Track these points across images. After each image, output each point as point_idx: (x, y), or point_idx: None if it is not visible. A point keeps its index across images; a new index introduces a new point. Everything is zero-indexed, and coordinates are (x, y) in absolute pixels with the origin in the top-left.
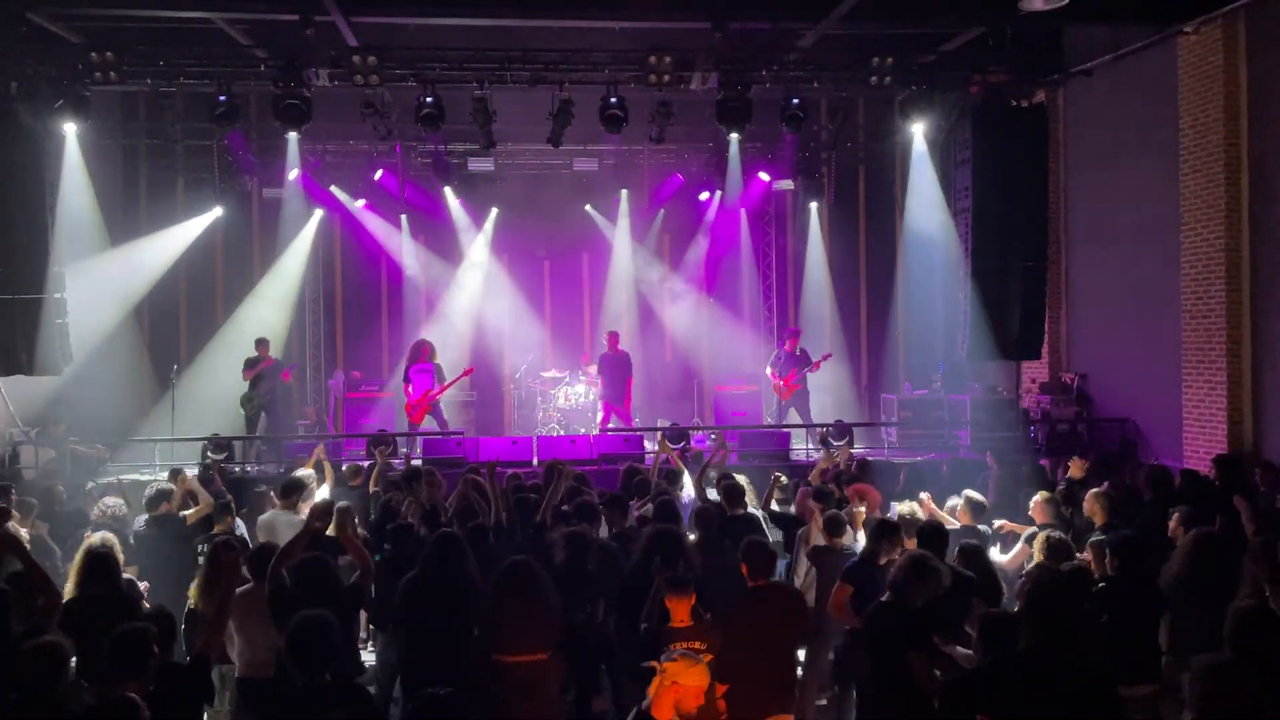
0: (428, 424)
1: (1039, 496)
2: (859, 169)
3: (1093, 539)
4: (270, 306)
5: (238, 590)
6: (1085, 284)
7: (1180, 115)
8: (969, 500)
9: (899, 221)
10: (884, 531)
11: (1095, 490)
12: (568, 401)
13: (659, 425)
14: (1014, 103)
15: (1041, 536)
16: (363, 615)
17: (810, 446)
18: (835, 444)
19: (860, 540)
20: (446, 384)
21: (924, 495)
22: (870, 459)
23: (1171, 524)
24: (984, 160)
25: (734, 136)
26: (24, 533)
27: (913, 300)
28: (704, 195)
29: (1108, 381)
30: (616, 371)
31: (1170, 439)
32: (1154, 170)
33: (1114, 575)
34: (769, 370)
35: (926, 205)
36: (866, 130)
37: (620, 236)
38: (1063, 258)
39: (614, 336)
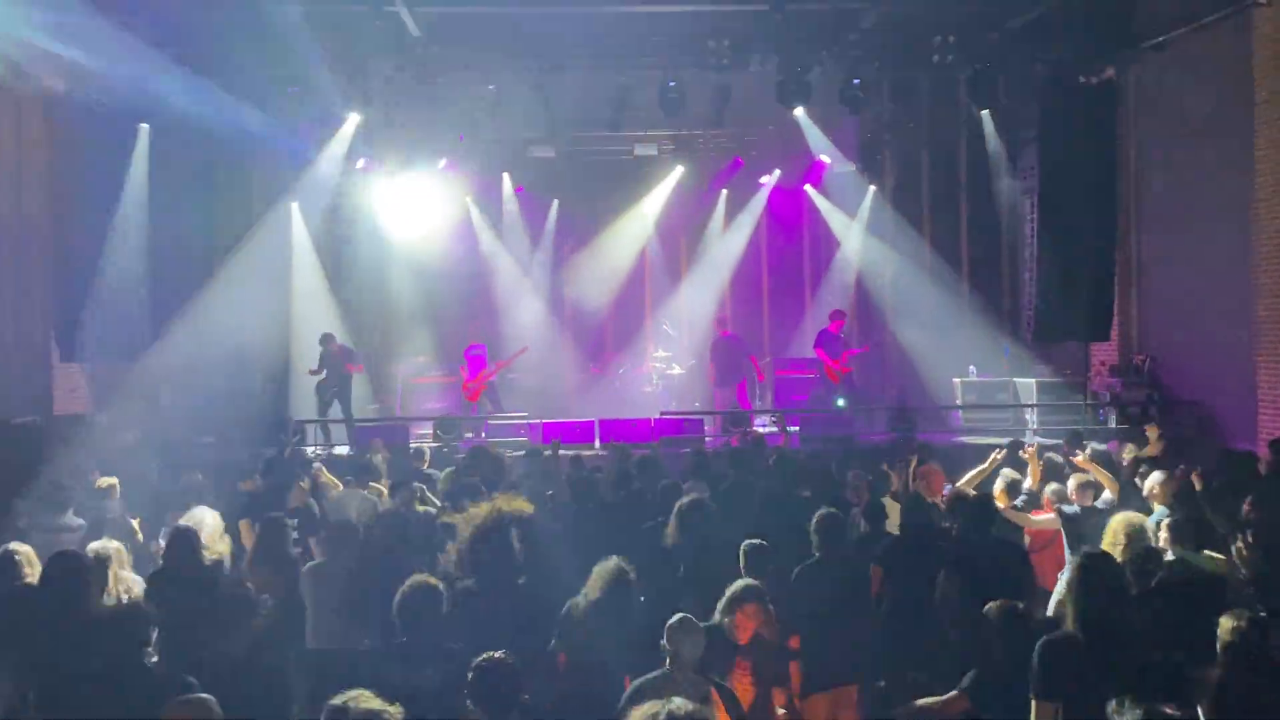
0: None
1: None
2: (921, 149)
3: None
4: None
5: (309, 565)
6: (1157, 263)
7: (1256, 89)
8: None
9: (963, 202)
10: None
11: (1162, 477)
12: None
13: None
14: (1082, 79)
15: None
16: None
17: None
18: (899, 426)
19: None
20: (502, 362)
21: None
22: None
23: (1245, 508)
24: (1051, 139)
25: (800, 114)
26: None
27: (978, 281)
28: (764, 178)
29: (1180, 363)
30: (731, 357)
31: (1245, 422)
32: (1228, 146)
33: (1176, 557)
34: (819, 351)
35: (991, 185)
36: (929, 110)
37: (657, 212)
38: (1133, 237)
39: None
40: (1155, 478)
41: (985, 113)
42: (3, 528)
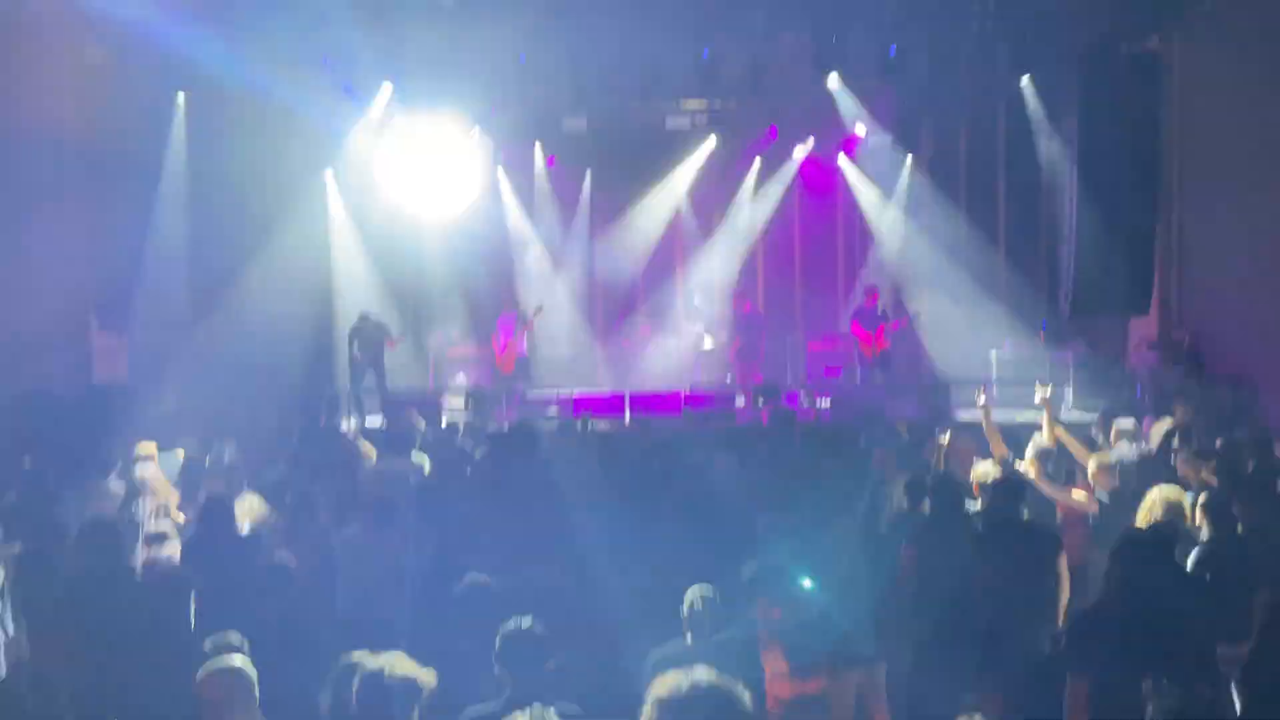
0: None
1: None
2: (959, 120)
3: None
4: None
5: (343, 534)
6: (1200, 237)
7: None
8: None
9: (1001, 173)
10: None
11: (1193, 451)
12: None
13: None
14: (1125, 49)
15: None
16: None
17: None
18: (930, 401)
19: None
20: (525, 326)
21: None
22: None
23: None
24: (1093, 109)
25: (834, 83)
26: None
27: (1014, 254)
28: (798, 150)
29: (1223, 339)
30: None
31: None
32: (1276, 115)
33: (1211, 536)
34: (852, 326)
35: (1030, 156)
36: (968, 80)
37: (690, 183)
38: (1176, 209)
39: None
40: (1185, 456)
41: (1025, 80)
42: (46, 493)
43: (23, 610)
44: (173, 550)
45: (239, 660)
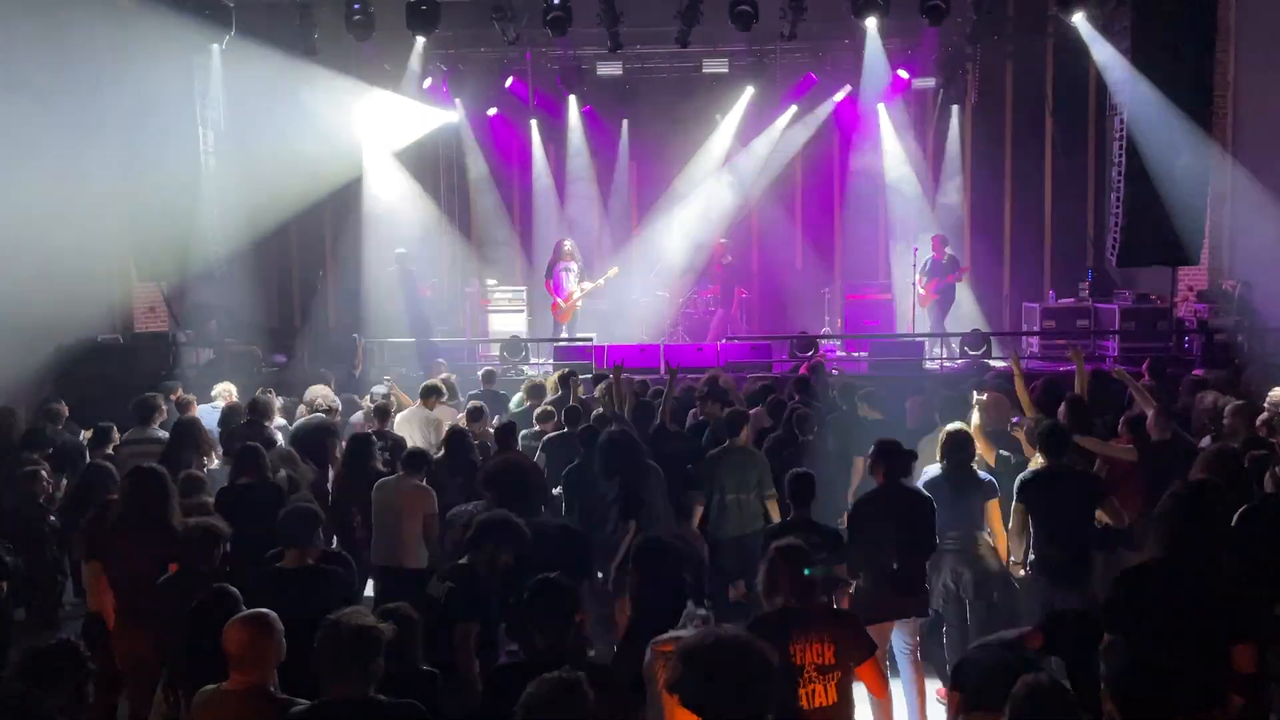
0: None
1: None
2: (1006, 63)
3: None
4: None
5: (379, 480)
6: (1254, 182)
7: None
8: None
9: (1049, 119)
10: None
11: (1240, 403)
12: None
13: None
14: None
15: None
16: None
17: (944, 356)
18: (972, 353)
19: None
20: (595, 283)
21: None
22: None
23: None
24: (1144, 49)
25: (871, 24)
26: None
27: (1060, 203)
28: (839, 95)
29: (1275, 289)
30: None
31: None
32: None
33: (1270, 493)
34: (918, 276)
35: (1080, 100)
36: (1015, 21)
37: (729, 134)
38: (1229, 154)
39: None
40: (1231, 408)
41: (1078, 18)
42: (94, 440)
43: (71, 555)
44: (208, 498)
45: (265, 611)
